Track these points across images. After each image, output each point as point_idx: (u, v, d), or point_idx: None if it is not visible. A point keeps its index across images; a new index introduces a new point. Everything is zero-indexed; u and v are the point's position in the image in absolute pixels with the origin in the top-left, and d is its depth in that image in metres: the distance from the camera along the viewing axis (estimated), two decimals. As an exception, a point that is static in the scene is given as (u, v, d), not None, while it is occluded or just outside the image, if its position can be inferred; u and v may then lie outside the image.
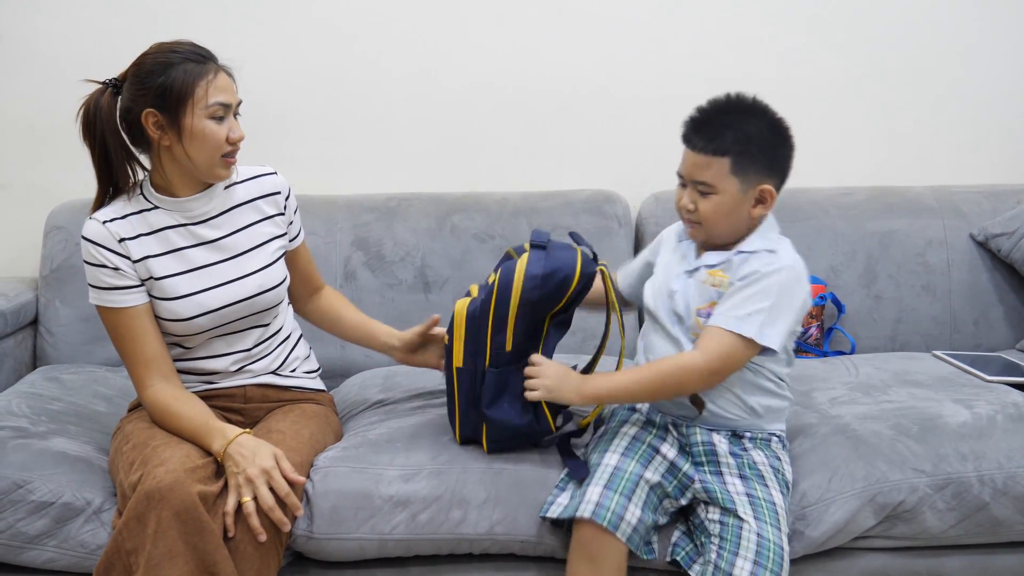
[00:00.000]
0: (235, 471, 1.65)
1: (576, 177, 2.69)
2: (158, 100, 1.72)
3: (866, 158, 2.76)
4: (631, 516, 1.64)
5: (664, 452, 1.76)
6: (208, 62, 1.75)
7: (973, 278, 2.48)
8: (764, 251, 1.70)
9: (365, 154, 2.69)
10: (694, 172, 1.70)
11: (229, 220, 1.86)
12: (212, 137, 1.74)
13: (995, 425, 1.87)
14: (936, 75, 2.76)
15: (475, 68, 2.68)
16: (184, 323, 1.82)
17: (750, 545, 1.62)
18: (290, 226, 1.96)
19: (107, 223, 1.77)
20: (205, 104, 1.72)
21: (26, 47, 2.59)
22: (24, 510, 1.71)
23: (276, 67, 2.62)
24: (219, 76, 1.75)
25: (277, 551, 1.66)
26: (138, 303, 1.79)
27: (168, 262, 1.81)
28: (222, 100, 1.74)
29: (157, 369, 1.80)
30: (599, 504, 1.64)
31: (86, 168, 1.83)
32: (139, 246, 1.79)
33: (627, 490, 1.66)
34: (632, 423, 1.82)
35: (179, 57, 1.73)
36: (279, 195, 1.93)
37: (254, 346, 1.91)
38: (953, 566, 1.82)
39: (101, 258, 1.76)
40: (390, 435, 1.86)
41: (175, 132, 1.73)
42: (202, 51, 1.76)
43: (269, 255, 1.89)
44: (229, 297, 1.84)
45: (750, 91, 1.78)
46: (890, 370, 2.21)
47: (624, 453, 1.73)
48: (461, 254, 2.47)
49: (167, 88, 1.71)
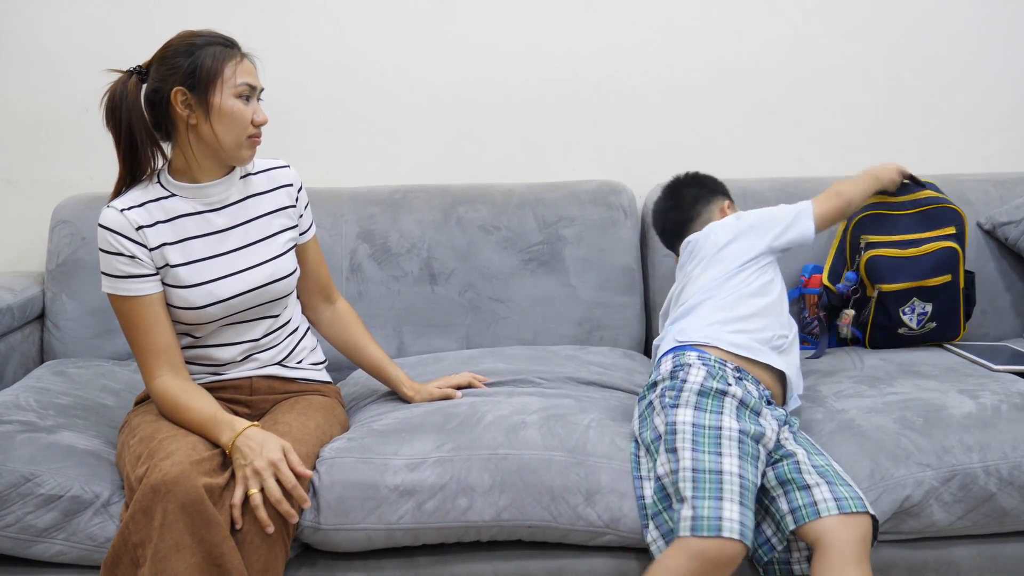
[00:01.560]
0: (242, 463, 1.65)
1: (582, 168, 2.69)
2: (187, 79, 1.76)
3: (872, 146, 2.75)
4: (753, 525, 1.62)
5: (764, 440, 1.74)
6: (234, 47, 1.81)
7: (980, 267, 2.47)
8: None
9: (370, 146, 2.69)
10: None
11: (243, 209, 1.89)
12: (239, 116, 1.78)
13: (1000, 415, 1.86)
14: (943, 62, 2.74)
15: (480, 59, 2.68)
16: (196, 311, 1.83)
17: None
18: (300, 219, 1.97)
19: (125, 211, 1.79)
20: (234, 83, 1.77)
21: (31, 42, 2.59)
22: (33, 503, 1.72)
23: (281, 60, 2.62)
24: (245, 60, 1.81)
25: (284, 543, 1.66)
26: (152, 291, 1.80)
27: (182, 250, 1.82)
28: (249, 81, 1.79)
29: (167, 360, 1.81)
30: (742, 524, 1.58)
31: (92, 162, 1.85)
32: (156, 233, 1.81)
33: (751, 501, 1.63)
34: (727, 411, 1.75)
35: (206, 41, 1.78)
36: (291, 187, 1.96)
37: (263, 336, 1.92)
38: (961, 556, 1.82)
39: (118, 246, 1.78)
40: (395, 425, 1.87)
41: (203, 111, 1.77)
42: (227, 38, 1.82)
43: (280, 246, 1.91)
44: (240, 286, 1.85)
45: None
46: (896, 361, 2.21)
47: (741, 457, 1.67)
48: (467, 246, 2.47)
49: (197, 67, 1.76)
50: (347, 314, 2.08)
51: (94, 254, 2.37)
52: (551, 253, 2.48)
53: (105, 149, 1.81)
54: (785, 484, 1.71)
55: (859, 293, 2.33)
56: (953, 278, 2.30)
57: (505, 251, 2.47)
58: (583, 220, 2.49)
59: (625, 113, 2.72)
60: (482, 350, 2.38)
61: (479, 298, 2.46)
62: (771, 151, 2.76)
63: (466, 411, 1.89)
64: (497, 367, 2.18)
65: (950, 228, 2.32)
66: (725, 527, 1.56)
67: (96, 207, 2.42)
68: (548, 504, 1.74)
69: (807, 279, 2.44)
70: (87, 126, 2.60)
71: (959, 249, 2.30)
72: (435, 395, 1.99)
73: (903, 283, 2.28)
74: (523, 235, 2.49)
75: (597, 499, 1.74)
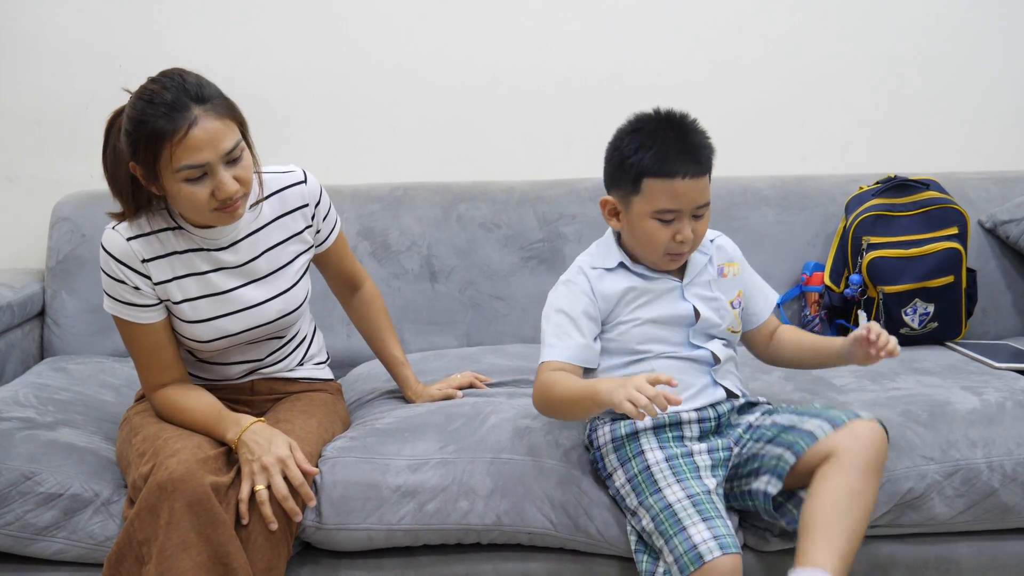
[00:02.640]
0: (249, 459, 1.65)
1: (583, 165, 2.68)
2: (134, 155, 1.62)
3: (873, 145, 2.75)
4: (730, 528, 1.58)
5: (696, 450, 1.69)
6: (181, 115, 1.57)
7: (981, 265, 2.47)
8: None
9: (370, 144, 2.69)
10: (698, 198, 1.67)
11: (253, 244, 1.79)
12: (190, 199, 1.63)
13: (1004, 412, 1.86)
14: (945, 60, 2.74)
15: (481, 57, 2.67)
16: (201, 343, 1.81)
17: None
18: (316, 235, 1.89)
19: (131, 240, 1.72)
20: (173, 169, 1.60)
21: (32, 38, 2.58)
22: (32, 502, 1.71)
23: (281, 57, 2.62)
24: (192, 132, 1.57)
25: (287, 541, 1.66)
26: (156, 320, 1.77)
27: (189, 285, 1.77)
28: (192, 162, 1.59)
29: (171, 377, 1.79)
30: (715, 537, 1.53)
31: (92, 159, 1.81)
32: (159, 268, 1.74)
33: (713, 508, 1.58)
34: (646, 446, 1.69)
35: (152, 112, 1.58)
36: (306, 208, 1.84)
37: (268, 355, 1.91)
38: (962, 553, 1.82)
39: (121, 275, 1.73)
40: (398, 424, 1.86)
41: (158, 188, 1.65)
42: (179, 102, 1.58)
43: (292, 276, 1.85)
44: (249, 322, 1.81)
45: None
46: (897, 358, 2.20)
47: (679, 479, 1.62)
48: (467, 243, 2.47)
49: (137, 146, 1.60)
50: (371, 303, 2.03)
51: (94, 251, 2.35)
52: (552, 251, 2.47)
53: (106, 146, 1.80)
54: (773, 439, 1.67)
55: (864, 295, 2.33)
56: (955, 279, 2.30)
57: (505, 249, 2.47)
58: (584, 218, 2.49)
59: (626, 110, 2.68)
60: (482, 347, 2.38)
61: (479, 296, 2.45)
62: (772, 149, 2.75)
63: (468, 412, 1.88)
64: (498, 363, 2.18)
65: (952, 228, 2.32)
66: (704, 551, 1.52)
67: (97, 204, 2.41)
68: (548, 512, 1.73)
69: (808, 276, 2.44)
70: (87, 122, 2.58)
71: (962, 250, 2.30)
72: (436, 397, 1.98)
73: (905, 284, 2.28)
74: (524, 233, 2.48)
75: (595, 514, 1.73)
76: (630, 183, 1.68)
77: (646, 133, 1.68)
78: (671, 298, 1.74)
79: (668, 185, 1.65)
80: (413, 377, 2.02)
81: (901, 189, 2.36)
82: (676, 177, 1.64)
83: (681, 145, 1.66)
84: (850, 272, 2.35)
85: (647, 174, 1.66)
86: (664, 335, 1.73)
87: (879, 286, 2.29)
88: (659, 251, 1.70)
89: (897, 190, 2.37)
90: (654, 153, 1.65)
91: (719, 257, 1.80)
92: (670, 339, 1.74)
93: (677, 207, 1.66)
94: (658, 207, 1.66)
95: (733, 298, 1.79)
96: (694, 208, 1.67)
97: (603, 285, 1.73)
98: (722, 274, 1.79)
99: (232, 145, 1.63)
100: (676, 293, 1.74)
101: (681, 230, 1.67)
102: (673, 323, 1.73)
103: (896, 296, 2.29)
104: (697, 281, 1.76)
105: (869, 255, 2.29)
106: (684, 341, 1.74)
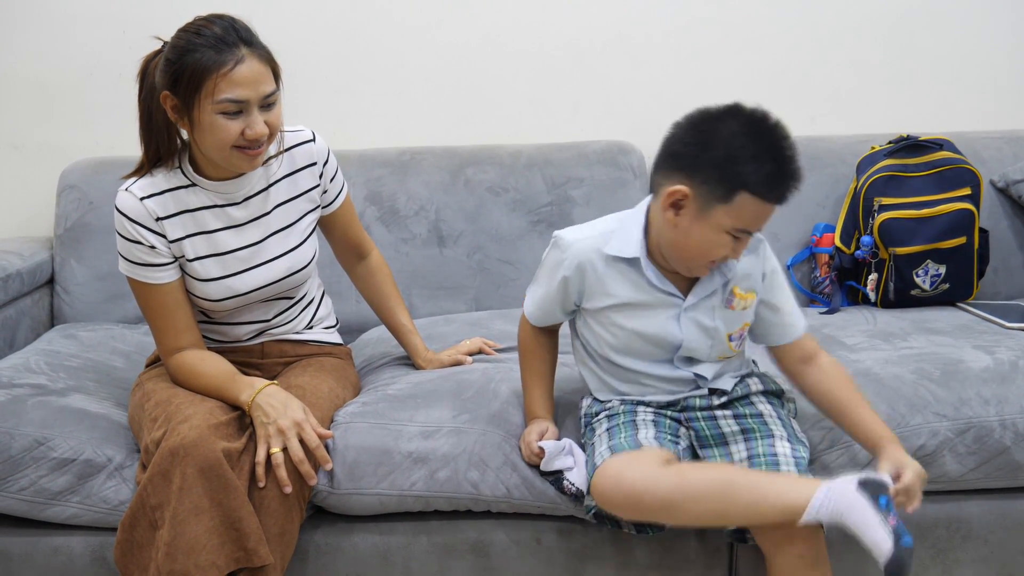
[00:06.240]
0: (264, 421, 1.65)
1: (590, 128, 2.67)
2: (173, 85, 1.65)
3: (884, 105, 2.73)
4: (645, 439, 1.58)
5: (640, 420, 1.66)
6: (230, 50, 1.63)
7: (992, 225, 2.45)
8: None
9: (377, 108, 2.67)
10: (764, 223, 1.55)
11: (264, 200, 1.82)
12: (220, 133, 1.65)
13: (1017, 370, 1.86)
14: (955, 18, 2.71)
15: (488, 19, 2.65)
16: (212, 302, 1.82)
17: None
18: (323, 195, 1.90)
19: (144, 200, 1.74)
20: (213, 100, 1.63)
21: (36, 4, 2.56)
22: (46, 467, 1.73)
23: (287, 19, 2.60)
24: (239, 68, 1.63)
25: (300, 505, 1.67)
26: (172, 279, 1.78)
27: (200, 244, 1.78)
28: (234, 96, 1.63)
29: (186, 339, 1.80)
30: (609, 447, 1.58)
31: (98, 126, 1.83)
32: (174, 226, 1.76)
33: (630, 433, 1.61)
34: (598, 428, 1.69)
35: (201, 42, 1.63)
36: (315, 166, 1.86)
37: (276, 315, 1.91)
38: (972, 511, 1.82)
39: (137, 235, 1.74)
40: (409, 390, 1.86)
41: (188, 120, 1.67)
42: (229, 37, 1.64)
43: (300, 233, 1.86)
44: (258, 281, 1.82)
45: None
46: (908, 318, 2.20)
47: (610, 439, 1.63)
48: (475, 207, 2.46)
49: (180, 75, 1.63)
50: (377, 271, 2.04)
51: (102, 219, 2.38)
52: (560, 214, 2.46)
53: (112, 112, 1.79)
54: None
55: (875, 256, 2.32)
56: (968, 240, 2.28)
57: (513, 213, 2.46)
58: (592, 181, 2.48)
59: (633, 72, 2.69)
60: (491, 312, 2.38)
61: (488, 260, 2.45)
62: (781, 109, 2.69)
63: (479, 379, 1.88)
64: (507, 329, 2.17)
65: (965, 189, 2.30)
66: (597, 460, 1.57)
67: (103, 171, 2.41)
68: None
69: (819, 238, 2.42)
70: (93, 89, 2.59)
71: (975, 210, 2.28)
72: (445, 363, 1.98)
73: (917, 246, 2.27)
74: (531, 196, 2.47)
75: None
76: (723, 189, 1.48)
77: (764, 145, 1.48)
78: (665, 316, 1.62)
79: (763, 208, 1.50)
80: (422, 344, 2.02)
81: (914, 149, 2.34)
82: (773, 203, 1.50)
83: (790, 169, 1.49)
84: (861, 233, 2.34)
85: (750, 189, 1.47)
86: (647, 351, 1.65)
87: (891, 247, 2.28)
88: (703, 265, 1.57)
89: (910, 150, 2.35)
90: (769, 171, 1.47)
91: (740, 282, 1.63)
92: (651, 355, 1.66)
93: (756, 228, 1.54)
94: (741, 225, 1.51)
95: (734, 331, 1.65)
96: (757, 228, 1.56)
97: (602, 282, 1.63)
98: (729, 305, 1.63)
99: (271, 91, 1.68)
100: (672, 313, 1.62)
101: (736, 251, 1.55)
102: (657, 343, 1.64)
103: (908, 257, 2.27)
104: (700, 305, 1.62)
105: (881, 216, 2.28)
106: (667, 360, 1.66)
